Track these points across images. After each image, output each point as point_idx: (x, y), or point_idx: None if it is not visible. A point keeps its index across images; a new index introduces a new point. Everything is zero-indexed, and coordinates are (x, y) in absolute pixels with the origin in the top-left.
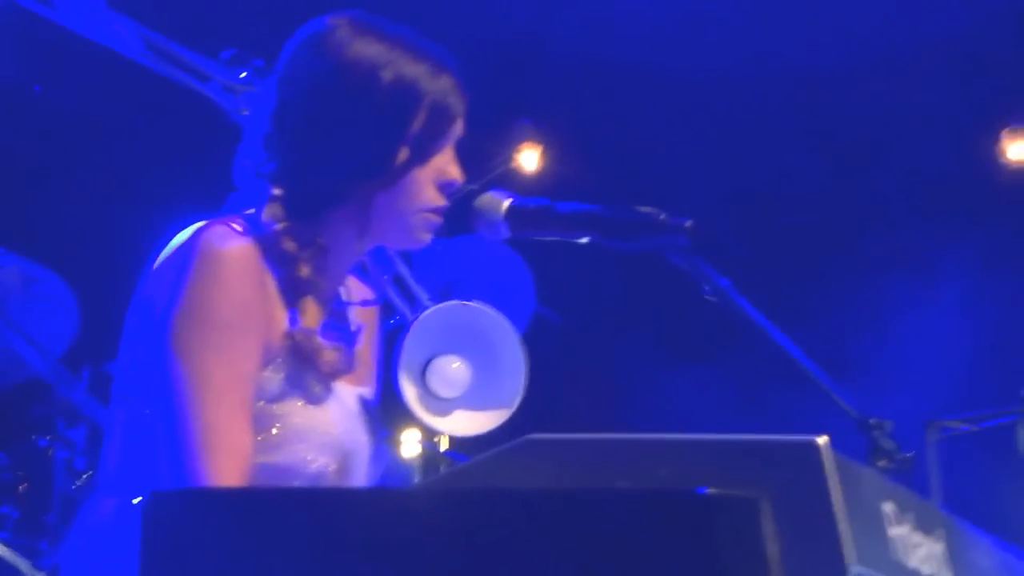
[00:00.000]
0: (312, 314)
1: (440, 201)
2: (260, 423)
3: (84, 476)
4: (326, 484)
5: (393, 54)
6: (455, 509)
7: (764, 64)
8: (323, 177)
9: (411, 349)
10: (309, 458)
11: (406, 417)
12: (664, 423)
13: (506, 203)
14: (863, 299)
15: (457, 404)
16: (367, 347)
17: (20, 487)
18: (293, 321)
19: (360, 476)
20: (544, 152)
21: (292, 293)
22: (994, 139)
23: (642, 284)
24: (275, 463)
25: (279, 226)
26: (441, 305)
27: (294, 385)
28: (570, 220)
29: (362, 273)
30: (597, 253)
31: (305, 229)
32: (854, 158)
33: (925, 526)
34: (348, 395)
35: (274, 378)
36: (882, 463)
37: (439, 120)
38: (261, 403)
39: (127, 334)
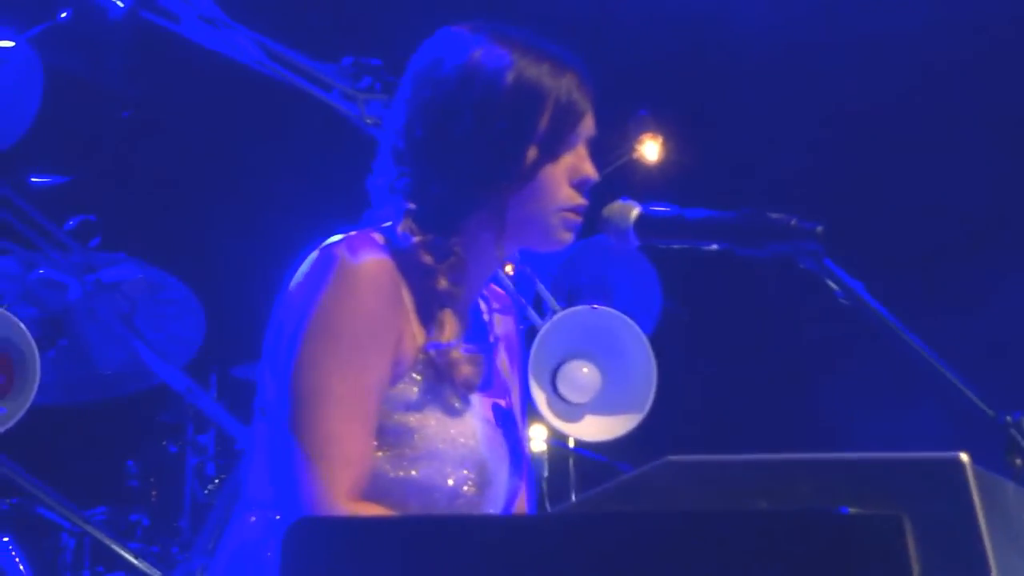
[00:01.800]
0: (450, 326)
1: (577, 199)
2: (397, 437)
3: (215, 481)
4: (465, 498)
5: (514, 56)
6: (595, 534)
7: (892, 52)
8: (454, 186)
9: (541, 354)
10: (447, 472)
11: (534, 413)
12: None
13: (635, 211)
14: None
15: (587, 409)
16: (507, 358)
17: (152, 494)
18: (430, 335)
19: (500, 489)
20: (665, 143)
21: (430, 306)
22: None
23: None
24: (413, 477)
25: (416, 239)
26: (570, 310)
27: (431, 398)
28: (699, 228)
29: (502, 282)
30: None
31: (442, 241)
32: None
33: None
34: (487, 408)
35: (410, 391)
36: (1019, 462)
37: (566, 117)
38: (397, 416)
39: (266, 349)
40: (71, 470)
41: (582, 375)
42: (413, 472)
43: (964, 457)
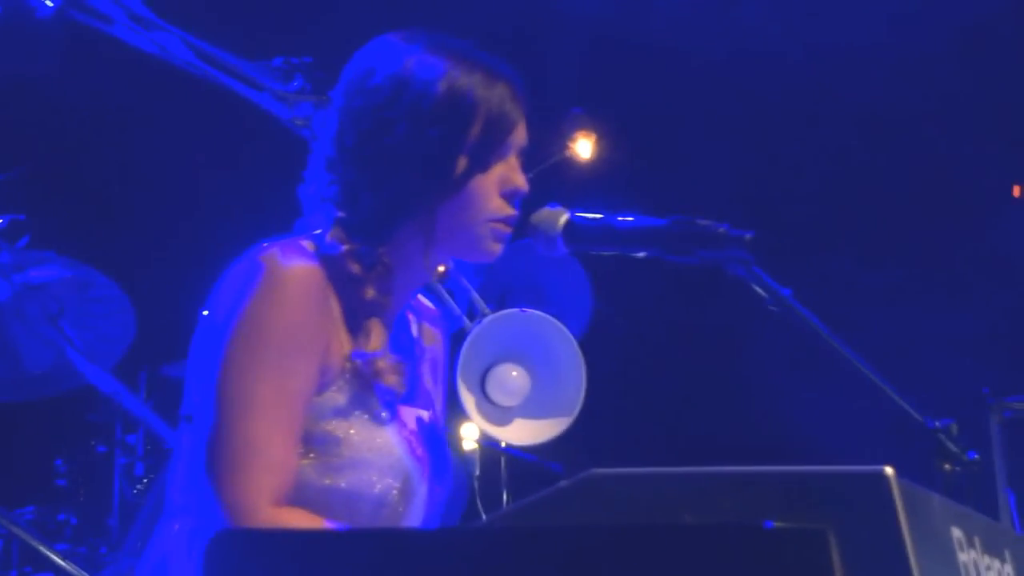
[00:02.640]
0: (377, 335)
1: (507, 210)
2: (323, 444)
3: (144, 481)
4: (389, 507)
5: (447, 65)
6: (517, 549)
7: (816, 48)
8: (384, 195)
9: (470, 357)
10: (373, 480)
11: (464, 414)
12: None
13: (564, 218)
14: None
15: (517, 412)
16: (431, 371)
17: (80, 493)
18: (356, 343)
19: (422, 499)
20: (598, 141)
21: (356, 315)
22: None
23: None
24: (339, 486)
25: (344, 248)
26: (500, 313)
27: (358, 406)
28: (628, 235)
29: (430, 294)
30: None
31: (369, 250)
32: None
33: (993, 548)
34: (411, 417)
35: (336, 399)
36: (947, 467)
37: (496, 128)
38: (324, 424)
39: (192, 355)
40: None
41: (511, 378)
42: (339, 480)
43: (888, 471)
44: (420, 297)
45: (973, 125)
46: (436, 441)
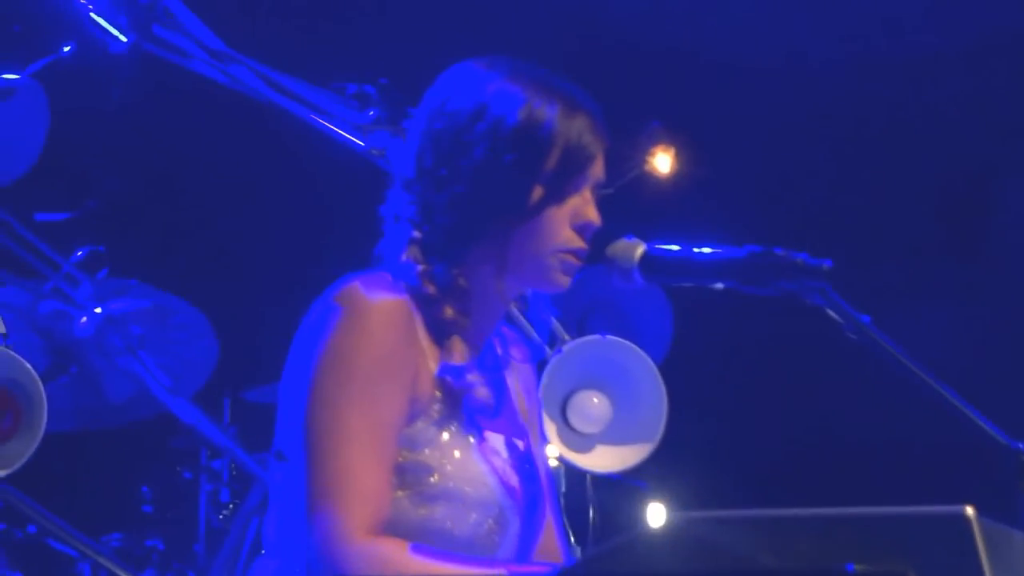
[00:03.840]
0: (460, 351)
1: (577, 243)
2: (416, 475)
3: (229, 507)
4: (484, 539)
5: (527, 93)
6: None
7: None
8: (459, 217)
9: (551, 384)
10: (467, 510)
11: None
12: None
13: (640, 250)
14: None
15: (598, 439)
16: (523, 395)
17: (166, 519)
18: (443, 360)
19: (516, 529)
20: (677, 154)
21: (440, 336)
22: None
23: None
24: (434, 517)
25: (420, 268)
26: (579, 340)
27: (449, 436)
28: (705, 267)
29: (510, 323)
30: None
31: (444, 270)
32: None
33: None
34: (504, 447)
35: (428, 429)
36: None
37: (574, 160)
38: (416, 454)
39: (282, 391)
40: (85, 496)
41: (592, 405)
42: (434, 511)
43: (969, 510)
44: (508, 332)
45: None
46: (531, 472)
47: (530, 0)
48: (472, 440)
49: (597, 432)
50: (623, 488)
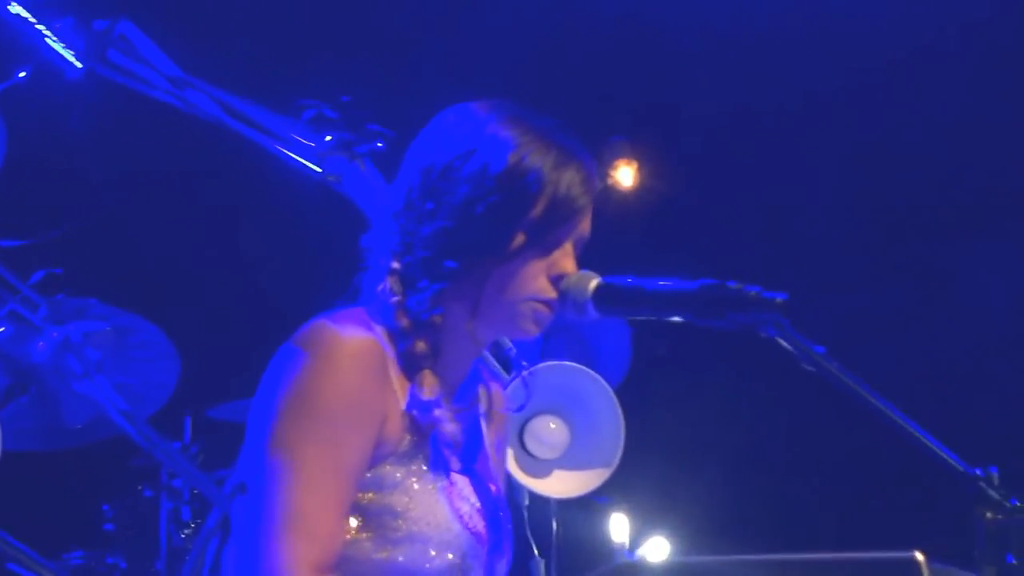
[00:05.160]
0: (430, 386)
1: (551, 293)
2: (381, 518)
3: (191, 525)
4: None
5: (521, 138)
6: None
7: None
8: (438, 251)
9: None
10: (431, 554)
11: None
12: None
13: (594, 283)
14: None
15: (556, 464)
16: (497, 441)
17: (127, 537)
18: (412, 394)
19: (479, 572)
20: (639, 168)
21: (410, 369)
22: None
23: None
24: (397, 560)
25: (395, 299)
26: (537, 366)
27: (416, 479)
28: (660, 300)
29: (498, 377)
30: None
31: (418, 304)
32: None
33: None
34: (471, 491)
35: (395, 471)
36: (989, 515)
37: (559, 211)
38: (382, 496)
39: (248, 426)
40: (46, 514)
41: (549, 431)
42: (397, 554)
43: (919, 556)
44: (493, 383)
45: None
46: (498, 515)
47: (493, 7)
48: (439, 484)
49: (554, 458)
50: (586, 502)
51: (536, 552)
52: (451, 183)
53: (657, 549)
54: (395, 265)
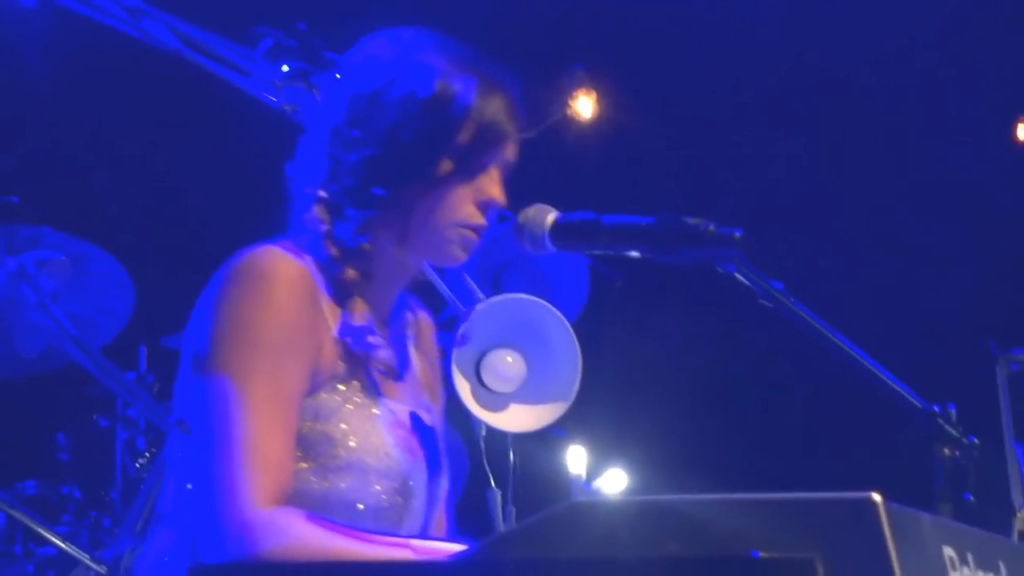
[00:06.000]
0: (361, 312)
1: (478, 219)
2: (320, 447)
3: (146, 455)
4: (389, 510)
5: (447, 65)
6: None
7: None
8: (365, 179)
9: (464, 343)
10: (372, 482)
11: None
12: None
13: (550, 218)
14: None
15: (512, 398)
16: (428, 369)
17: (82, 467)
18: (344, 322)
19: (422, 500)
20: (599, 99)
21: (340, 296)
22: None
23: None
24: (339, 488)
25: (322, 228)
26: (493, 299)
27: (353, 407)
28: (617, 235)
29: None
30: None
31: (347, 232)
32: None
33: (987, 562)
34: (407, 418)
35: (331, 399)
36: (947, 451)
37: (485, 138)
38: (320, 425)
39: (183, 359)
40: (0, 444)
41: (506, 364)
42: (339, 483)
43: (876, 496)
44: (419, 309)
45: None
46: (434, 440)
47: None
48: (376, 411)
49: (511, 391)
50: (543, 434)
51: (493, 483)
52: (378, 110)
53: (614, 481)
54: (322, 193)
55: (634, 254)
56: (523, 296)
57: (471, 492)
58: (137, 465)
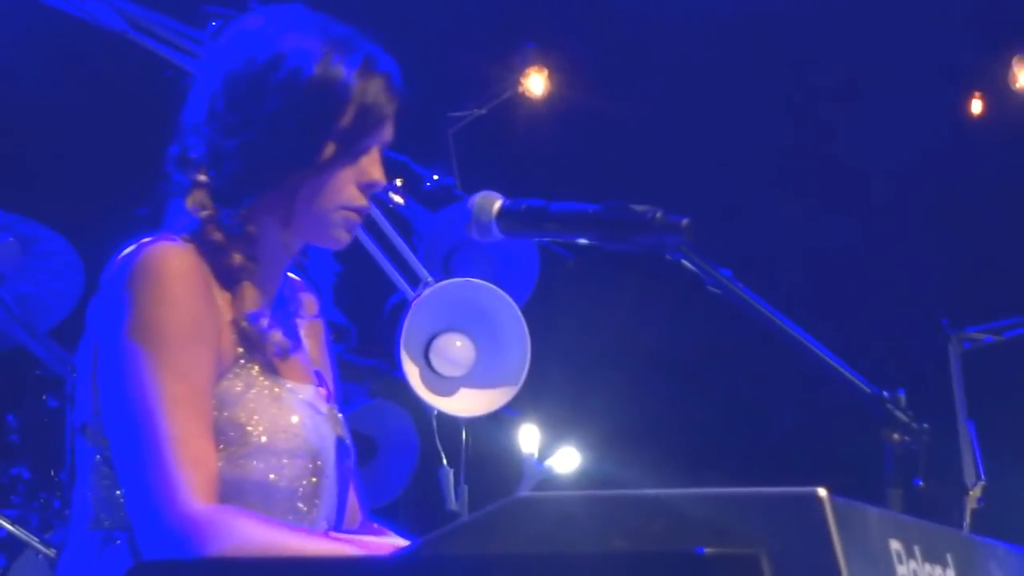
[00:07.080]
0: (252, 297)
1: (360, 201)
2: (227, 434)
3: None
4: (303, 492)
5: (326, 48)
6: None
7: None
8: (247, 164)
9: (413, 327)
10: (283, 464)
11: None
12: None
13: (497, 204)
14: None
15: (462, 382)
16: (317, 347)
17: (32, 448)
18: (236, 307)
19: (333, 479)
20: (550, 76)
21: (229, 282)
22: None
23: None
24: (251, 475)
25: (204, 214)
26: (443, 283)
27: (256, 391)
28: (564, 222)
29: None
30: None
31: (231, 217)
32: None
33: (934, 555)
34: (309, 396)
35: (234, 385)
36: (896, 437)
37: (367, 119)
38: (227, 412)
39: (81, 362)
40: None
41: (455, 348)
42: (250, 470)
43: (821, 491)
44: (307, 294)
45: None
46: (337, 417)
47: None
48: (279, 391)
49: (461, 375)
50: (496, 413)
51: (445, 462)
52: (258, 94)
53: (567, 459)
54: (202, 178)
55: (582, 241)
56: (473, 280)
57: (423, 471)
58: None
